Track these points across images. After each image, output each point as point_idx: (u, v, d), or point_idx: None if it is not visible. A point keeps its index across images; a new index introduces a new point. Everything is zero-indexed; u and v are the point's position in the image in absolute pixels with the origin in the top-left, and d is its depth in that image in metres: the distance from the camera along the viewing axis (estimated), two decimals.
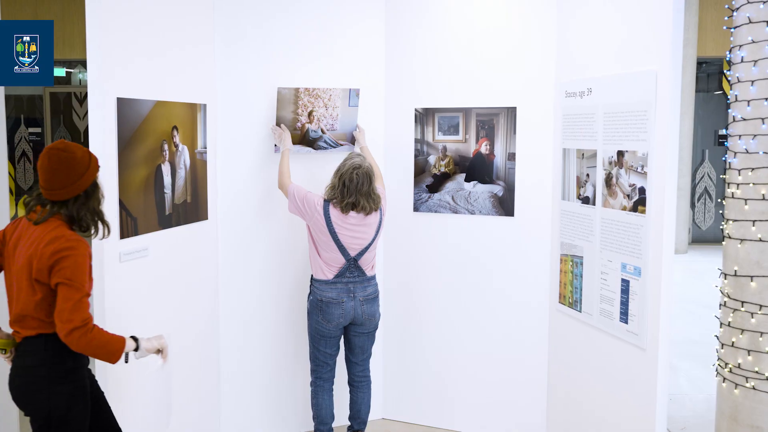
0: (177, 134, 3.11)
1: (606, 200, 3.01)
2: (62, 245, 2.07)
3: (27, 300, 2.13)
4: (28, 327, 2.16)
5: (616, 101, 2.92)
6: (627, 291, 2.89)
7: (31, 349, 2.16)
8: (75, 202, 2.16)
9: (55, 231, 2.11)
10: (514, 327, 3.65)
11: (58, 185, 2.13)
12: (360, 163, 3.11)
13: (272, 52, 3.56)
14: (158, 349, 2.35)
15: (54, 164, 2.12)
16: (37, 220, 2.15)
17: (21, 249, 2.16)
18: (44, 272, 2.08)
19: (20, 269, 2.14)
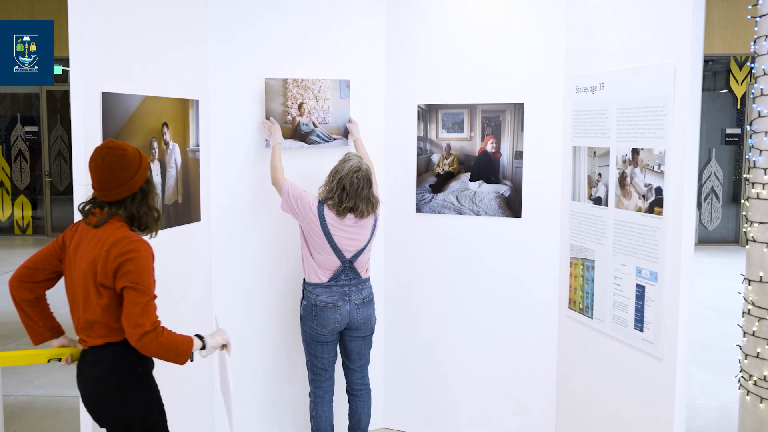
0: (167, 131, 2.97)
1: (619, 201, 2.85)
2: (125, 247, 2.04)
3: (94, 305, 2.08)
4: (96, 335, 2.11)
5: (630, 96, 2.77)
6: (642, 297, 2.74)
7: (99, 359, 2.13)
8: (133, 200, 2.14)
9: (117, 232, 2.07)
10: (521, 333, 3.51)
11: (114, 184, 2.09)
12: (359, 165, 2.98)
13: (269, 44, 3.41)
14: (223, 344, 2.31)
15: (108, 163, 2.07)
16: (97, 223, 2.10)
17: (82, 254, 2.10)
18: (109, 276, 2.03)
19: (83, 274, 2.09)
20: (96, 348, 2.13)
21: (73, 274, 2.14)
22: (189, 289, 3.21)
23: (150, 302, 2.06)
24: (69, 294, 2.18)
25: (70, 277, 2.17)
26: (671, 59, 2.55)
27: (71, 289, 2.17)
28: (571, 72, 3.22)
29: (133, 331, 2.02)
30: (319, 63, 3.46)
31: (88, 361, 2.16)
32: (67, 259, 2.17)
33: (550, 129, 3.33)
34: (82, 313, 2.12)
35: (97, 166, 2.09)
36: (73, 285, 2.15)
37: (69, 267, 2.17)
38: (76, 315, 2.16)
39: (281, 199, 3.11)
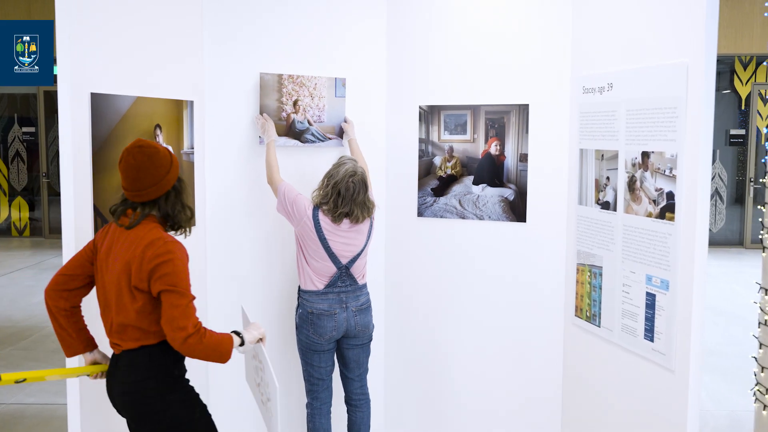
0: (160, 134, 2.87)
1: (629, 206, 2.75)
2: (161, 249, 2.00)
3: (128, 309, 2.04)
4: (129, 338, 2.07)
5: (640, 97, 2.67)
6: (653, 306, 2.64)
7: (134, 363, 2.08)
8: (167, 199, 2.10)
9: (151, 233, 2.03)
10: (526, 341, 3.41)
11: (147, 184, 2.05)
12: (354, 169, 2.90)
13: (265, 39, 3.31)
14: (259, 338, 2.28)
15: (140, 162, 2.03)
16: (129, 224, 2.06)
17: (115, 256, 2.06)
18: (144, 278, 1.99)
19: (116, 277, 2.04)
20: (130, 351, 2.08)
21: (106, 277, 2.09)
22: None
23: (189, 304, 2.02)
24: (100, 297, 2.13)
25: (102, 281, 2.11)
26: (684, 58, 2.45)
27: (103, 293, 2.11)
28: (578, 72, 3.11)
29: (177, 335, 1.97)
30: (315, 60, 3.35)
31: (123, 365, 2.10)
32: (99, 262, 2.12)
33: (556, 131, 3.22)
34: (114, 317, 2.07)
35: (129, 165, 2.04)
36: (105, 288, 2.10)
37: (101, 270, 2.11)
38: (108, 319, 2.11)
39: (276, 200, 3.02)
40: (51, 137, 10.23)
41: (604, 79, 2.89)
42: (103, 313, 2.14)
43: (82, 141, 2.42)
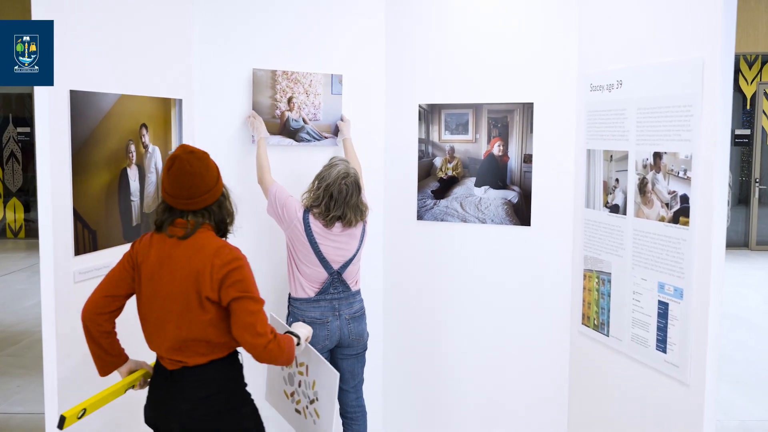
0: (146, 133, 2.74)
1: (639, 209, 2.62)
2: (228, 256, 1.96)
3: (196, 322, 1.96)
4: (194, 353, 1.99)
5: (652, 95, 2.53)
6: (665, 315, 2.50)
7: (205, 377, 2.02)
8: (220, 205, 2.05)
9: (213, 242, 1.99)
10: (530, 350, 3.28)
11: (202, 191, 1.98)
12: (346, 170, 2.77)
13: (258, 34, 3.17)
14: (307, 336, 2.30)
15: (197, 169, 1.97)
16: (186, 234, 1.98)
17: (172, 269, 1.97)
18: (215, 288, 1.93)
19: (179, 291, 1.96)
20: (200, 367, 2.01)
21: (162, 291, 1.98)
22: None
23: (262, 309, 1.99)
24: (151, 314, 2.02)
25: (152, 296, 2.01)
26: (699, 53, 2.31)
27: (155, 309, 2.01)
28: (585, 69, 2.98)
29: (258, 341, 1.94)
30: (310, 55, 3.22)
31: (189, 382, 2.02)
32: (145, 277, 2.01)
33: (562, 131, 3.10)
34: (174, 332, 1.98)
35: (184, 173, 1.95)
36: (158, 304, 1.99)
37: (148, 285, 2.01)
38: (162, 335, 2.01)
39: (267, 201, 2.91)
40: None
41: (612, 76, 2.76)
42: (153, 331, 2.03)
43: (60, 141, 2.28)
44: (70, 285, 2.34)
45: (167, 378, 2.05)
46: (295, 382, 2.36)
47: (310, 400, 2.29)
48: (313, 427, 2.29)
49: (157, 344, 2.04)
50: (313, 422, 2.31)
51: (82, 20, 2.36)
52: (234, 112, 3.14)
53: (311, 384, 2.29)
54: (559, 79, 3.10)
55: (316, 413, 2.29)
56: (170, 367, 2.04)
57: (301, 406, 2.37)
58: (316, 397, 2.28)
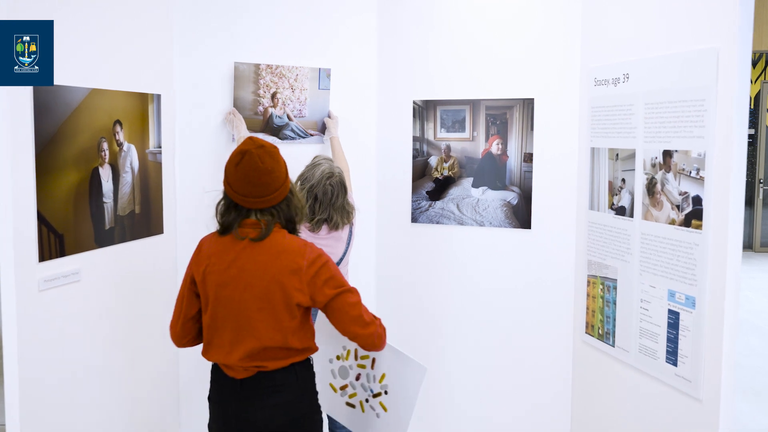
0: (121, 130, 2.58)
1: (648, 211, 2.46)
2: (312, 254, 1.88)
3: (280, 329, 1.87)
4: (273, 358, 1.89)
5: (662, 88, 2.38)
6: (676, 325, 2.33)
7: (284, 383, 1.92)
8: (289, 202, 1.94)
9: (291, 242, 1.90)
10: (531, 360, 3.13)
11: (273, 188, 1.88)
12: (331, 169, 2.64)
13: (240, 25, 3.01)
14: None
15: (269, 165, 1.86)
16: (261, 236, 1.87)
17: (248, 274, 1.87)
18: (306, 292, 1.86)
19: (260, 297, 1.86)
20: (281, 371, 1.91)
21: (238, 297, 1.87)
22: (151, 313, 2.80)
23: (360, 298, 1.94)
24: (225, 323, 1.90)
25: (225, 304, 1.89)
26: (713, 43, 2.15)
27: (231, 318, 1.89)
28: (589, 62, 2.83)
29: (369, 331, 1.90)
30: (296, 48, 3.07)
31: (269, 386, 1.91)
32: (215, 284, 1.89)
33: (565, 128, 2.96)
34: (253, 342, 1.87)
35: (256, 169, 1.84)
36: (233, 311, 1.88)
37: (221, 292, 1.89)
38: (237, 344, 1.88)
39: None
40: None
41: (619, 70, 2.61)
42: (225, 338, 1.90)
43: (23, 138, 2.12)
44: (34, 294, 2.18)
45: (237, 387, 1.92)
46: (351, 376, 2.31)
47: (374, 393, 2.25)
48: (375, 420, 2.25)
49: (227, 353, 1.90)
50: (377, 415, 2.26)
51: (50, 10, 2.20)
52: (215, 109, 2.99)
53: (378, 377, 2.24)
54: (561, 73, 2.96)
55: (382, 406, 2.24)
56: (241, 375, 1.91)
57: (355, 400, 2.32)
58: (383, 390, 2.24)
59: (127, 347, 2.66)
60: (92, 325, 2.46)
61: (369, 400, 2.29)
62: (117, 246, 2.57)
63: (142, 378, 2.75)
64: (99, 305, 2.49)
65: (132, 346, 2.69)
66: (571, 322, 3.00)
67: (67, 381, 2.33)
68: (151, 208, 2.78)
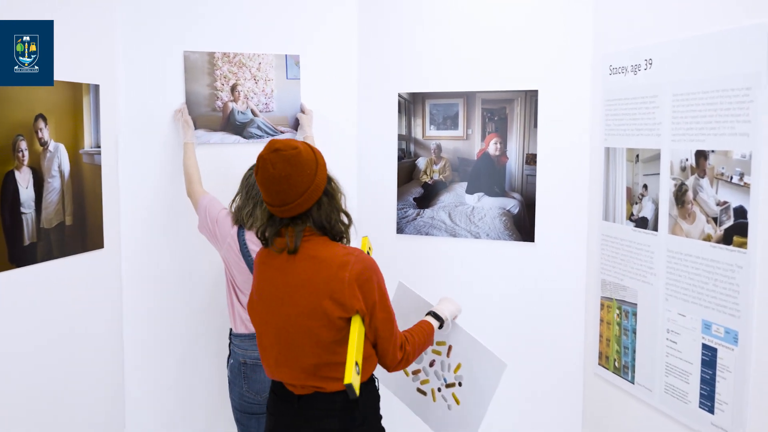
0: (45, 127, 2.22)
1: (676, 224, 2.11)
2: (357, 267, 1.75)
3: (326, 345, 1.77)
4: (330, 378, 1.79)
5: (694, 77, 2.02)
6: (712, 364, 1.98)
7: (344, 407, 1.81)
8: (320, 207, 1.81)
9: (332, 251, 1.78)
10: (535, 395, 2.81)
11: (294, 196, 1.75)
12: None
13: (193, 14, 2.70)
14: (455, 314, 2.15)
15: (283, 171, 1.74)
16: (294, 248, 1.78)
17: (290, 288, 1.79)
18: (347, 305, 1.75)
19: (305, 312, 1.76)
20: (341, 394, 1.80)
21: (284, 313, 1.79)
22: (86, 342, 2.44)
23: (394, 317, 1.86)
24: (276, 341, 1.82)
25: (273, 321, 1.82)
26: (762, 18, 1.78)
27: (282, 336, 1.81)
28: (603, 46, 2.51)
29: (399, 355, 1.84)
30: (257, 33, 2.81)
31: (324, 409, 1.81)
32: (263, 300, 1.84)
33: (574, 124, 2.68)
34: (305, 359, 1.79)
35: (269, 178, 1.74)
36: (280, 328, 1.80)
37: (267, 309, 1.83)
38: (290, 363, 1.81)
39: (198, 216, 2.46)
40: None
41: (639, 55, 2.27)
42: (278, 357, 1.82)
43: None
44: None
45: (293, 403, 1.84)
46: (425, 361, 2.26)
47: (447, 383, 2.21)
48: (446, 412, 2.20)
49: (284, 373, 1.83)
50: (447, 407, 2.21)
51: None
52: (166, 104, 2.68)
53: (453, 367, 2.19)
54: (569, 59, 2.68)
55: (454, 398, 2.18)
56: (300, 391, 1.83)
57: (427, 387, 2.26)
58: (458, 381, 2.19)
59: (55, 389, 2.27)
60: (13, 360, 2.08)
61: (441, 389, 2.23)
62: (40, 265, 2.20)
63: None
64: (18, 336, 2.11)
65: (62, 389, 2.31)
66: (581, 351, 2.69)
67: None
68: (86, 219, 2.41)
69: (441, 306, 2.11)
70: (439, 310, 2.08)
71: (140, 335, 2.69)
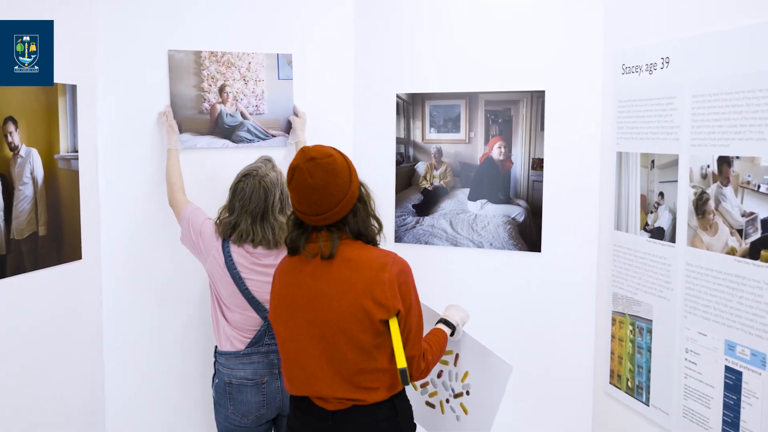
0: (15, 130, 2.11)
1: (696, 236, 1.98)
2: (396, 268, 1.78)
3: (366, 350, 1.77)
4: (368, 389, 1.78)
5: (717, 75, 1.89)
6: (737, 388, 1.84)
7: (384, 418, 1.81)
8: (356, 214, 1.82)
9: (369, 254, 1.80)
10: (541, 415, 2.68)
11: (332, 204, 1.77)
12: (255, 168, 2.23)
13: (179, 11, 2.59)
14: (465, 320, 2.15)
15: (321, 180, 1.74)
16: (330, 254, 1.78)
17: (327, 293, 1.78)
18: (389, 307, 1.76)
19: (343, 317, 1.76)
20: (380, 405, 1.80)
21: (320, 321, 1.78)
22: (68, 357, 2.32)
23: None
24: (308, 352, 1.79)
25: (305, 330, 1.79)
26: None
27: (314, 345, 1.79)
28: (615, 43, 2.39)
29: (423, 363, 1.85)
30: (247, 31, 2.71)
31: (365, 422, 1.79)
32: (291, 309, 1.81)
33: (584, 127, 2.58)
34: (344, 366, 1.77)
35: (306, 187, 1.74)
36: (314, 337, 1.79)
37: (297, 318, 1.80)
38: (325, 373, 1.78)
39: (180, 227, 2.33)
40: None
41: (655, 53, 2.14)
42: (309, 369, 1.79)
43: None
44: None
45: (327, 420, 1.80)
46: (433, 372, 2.24)
47: (455, 393, 2.19)
48: (454, 423, 2.17)
49: (317, 386, 1.79)
50: (456, 418, 2.18)
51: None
52: (149, 106, 2.57)
53: (460, 375, 2.17)
54: (578, 58, 2.58)
55: (462, 408, 2.16)
56: (333, 407, 1.80)
57: (436, 399, 2.23)
58: (465, 390, 2.17)
59: (30, 414, 2.14)
60: None
61: (450, 400, 2.21)
62: (10, 279, 2.07)
63: None
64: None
65: (38, 414, 2.18)
66: (590, 369, 2.56)
67: None
68: (63, 229, 2.27)
69: (450, 313, 2.09)
70: (450, 317, 2.06)
71: (122, 353, 2.56)
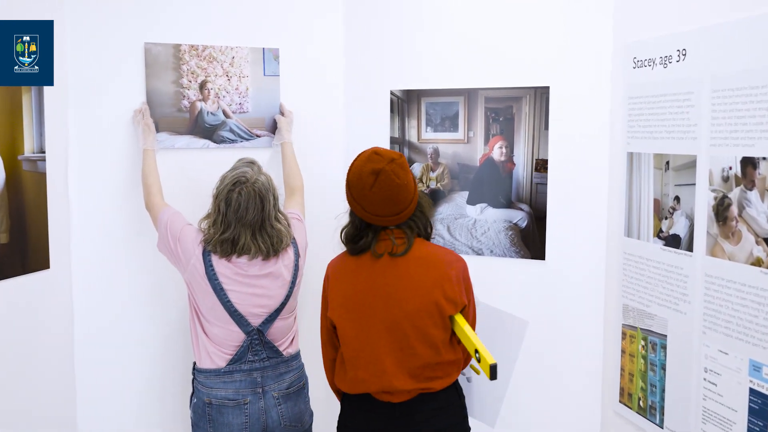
0: None
1: (716, 245, 1.83)
2: (458, 263, 1.90)
3: (434, 343, 1.85)
4: (435, 376, 1.87)
5: (739, 68, 1.75)
6: (763, 414, 1.70)
7: (448, 403, 1.91)
8: (421, 213, 1.94)
9: (436, 251, 1.91)
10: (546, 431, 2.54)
11: (408, 200, 1.87)
12: (243, 175, 2.10)
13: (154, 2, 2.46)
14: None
15: (404, 178, 1.84)
16: (406, 250, 1.87)
17: (398, 290, 1.85)
18: (458, 301, 1.87)
19: (416, 312, 1.83)
20: (444, 392, 1.89)
21: (391, 317, 1.84)
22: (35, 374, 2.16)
23: None
24: (378, 348, 1.85)
25: (374, 327, 1.85)
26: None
27: (383, 341, 1.84)
28: (625, 36, 2.25)
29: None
30: (230, 23, 2.60)
31: (432, 409, 1.87)
32: (357, 307, 1.87)
33: (591, 125, 2.46)
34: (414, 360, 1.84)
35: (394, 186, 1.81)
36: (384, 333, 1.84)
37: (364, 316, 1.86)
38: (394, 368, 1.84)
39: (157, 233, 2.21)
40: None
41: (671, 44, 2.00)
42: (379, 364, 1.84)
43: None
44: None
45: (394, 413, 1.86)
46: None
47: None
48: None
49: (384, 380, 1.83)
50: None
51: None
52: (123, 104, 2.43)
53: None
54: (586, 51, 2.45)
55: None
56: (399, 398, 1.86)
57: None
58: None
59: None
60: None
61: None
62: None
63: None
64: None
65: None
66: (598, 386, 2.43)
67: None
68: (27, 236, 2.11)
69: None
70: None
71: (94, 370, 2.41)
